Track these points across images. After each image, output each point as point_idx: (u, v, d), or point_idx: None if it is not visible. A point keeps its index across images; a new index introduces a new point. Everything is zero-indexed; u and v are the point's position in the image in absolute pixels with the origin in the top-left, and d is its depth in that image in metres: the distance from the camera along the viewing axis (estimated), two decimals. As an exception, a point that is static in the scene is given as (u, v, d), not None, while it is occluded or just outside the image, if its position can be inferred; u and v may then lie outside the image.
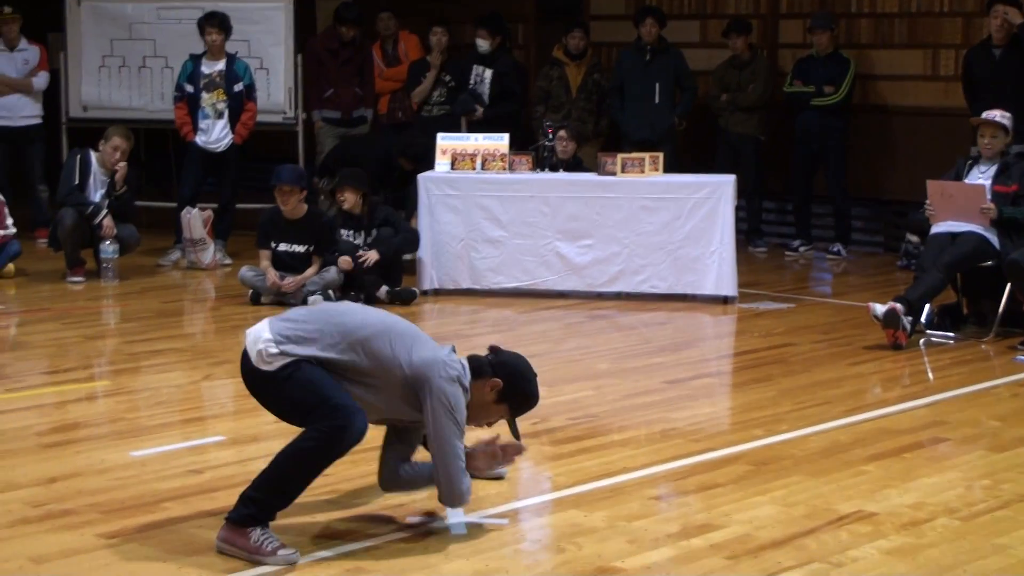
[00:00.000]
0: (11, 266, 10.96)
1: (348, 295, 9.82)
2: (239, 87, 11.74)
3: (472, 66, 12.67)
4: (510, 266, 10.32)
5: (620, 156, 10.39)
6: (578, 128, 11.73)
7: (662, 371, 8.05)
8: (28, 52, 12.73)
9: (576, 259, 10.23)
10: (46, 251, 11.38)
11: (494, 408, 5.18)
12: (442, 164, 10.53)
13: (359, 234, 10.13)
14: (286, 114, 13.03)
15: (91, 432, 6.69)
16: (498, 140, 10.57)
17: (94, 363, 8.35)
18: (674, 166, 11.37)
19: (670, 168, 10.86)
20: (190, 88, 11.71)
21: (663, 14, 12.65)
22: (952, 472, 6.01)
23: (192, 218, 11.43)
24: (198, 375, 7.87)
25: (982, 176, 9.13)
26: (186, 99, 11.73)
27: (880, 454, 6.26)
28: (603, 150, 11.40)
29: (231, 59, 11.81)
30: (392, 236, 10.11)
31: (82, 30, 13.19)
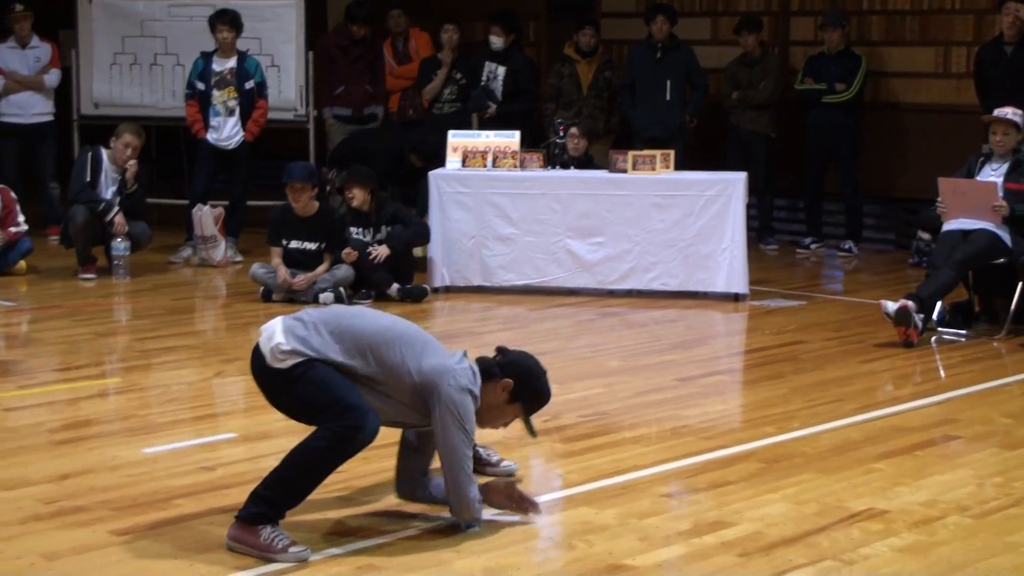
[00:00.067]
0: (23, 263, 10.98)
1: (359, 292, 9.83)
2: (250, 84, 11.75)
3: (484, 63, 12.67)
4: (521, 263, 10.31)
5: (631, 153, 10.38)
6: (589, 125, 11.72)
7: (673, 368, 8.05)
8: (40, 49, 12.76)
9: (587, 256, 10.23)
10: (58, 248, 11.40)
11: (508, 409, 5.17)
12: (453, 161, 10.53)
13: (368, 231, 10.13)
14: (297, 111, 13.02)
15: (103, 429, 6.69)
16: (509, 137, 10.56)
17: (106, 360, 8.36)
18: (685, 163, 11.37)
19: (681, 165, 10.84)
20: (201, 85, 11.72)
21: (674, 11, 12.63)
22: (964, 470, 6.00)
23: (203, 215, 11.44)
24: (209, 372, 7.88)
25: (994, 173, 9.11)
26: (197, 96, 11.74)
27: (892, 452, 6.25)
28: (614, 147, 11.39)
29: (242, 56, 11.82)
30: (402, 232, 10.11)
31: (93, 27, 13.19)
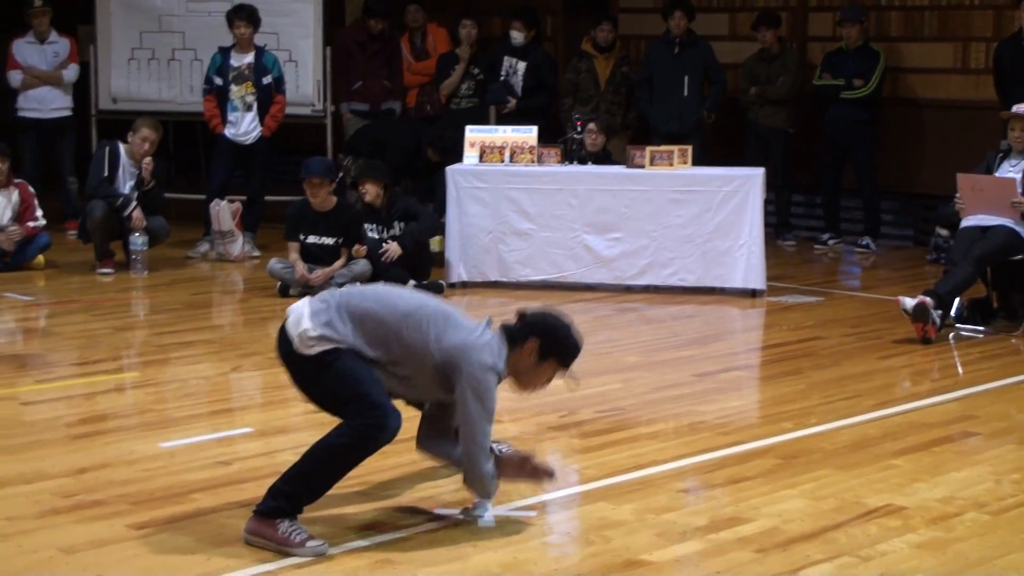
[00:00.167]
0: (41, 258, 11.01)
1: (376, 288, 9.82)
2: (268, 80, 11.76)
3: (502, 58, 12.67)
4: (538, 259, 10.31)
5: (649, 149, 10.37)
6: (607, 121, 11.71)
7: (691, 364, 8.04)
8: (58, 44, 12.78)
9: (604, 252, 10.22)
10: (76, 243, 11.42)
11: (541, 368, 5.11)
12: (470, 156, 10.53)
13: (381, 228, 10.12)
14: (315, 107, 13.04)
15: (120, 423, 6.72)
16: (526, 133, 10.56)
17: (123, 355, 8.37)
18: (703, 159, 11.34)
19: (699, 161, 10.83)
20: (219, 81, 11.74)
21: (692, 7, 12.59)
22: (982, 466, 5.98)
23: (221, 210, 11.45)
24: (226, 367, 7.89)
25: (1013, 169, 9.08)
26: (215, 91, 11.76)
27: (909, 448, 6.24)
28: (632, 143, 11.38)
29: (260, 52, 11.83)
30: (413, 228, 10.09)
31: (112, 22, 13.22)
